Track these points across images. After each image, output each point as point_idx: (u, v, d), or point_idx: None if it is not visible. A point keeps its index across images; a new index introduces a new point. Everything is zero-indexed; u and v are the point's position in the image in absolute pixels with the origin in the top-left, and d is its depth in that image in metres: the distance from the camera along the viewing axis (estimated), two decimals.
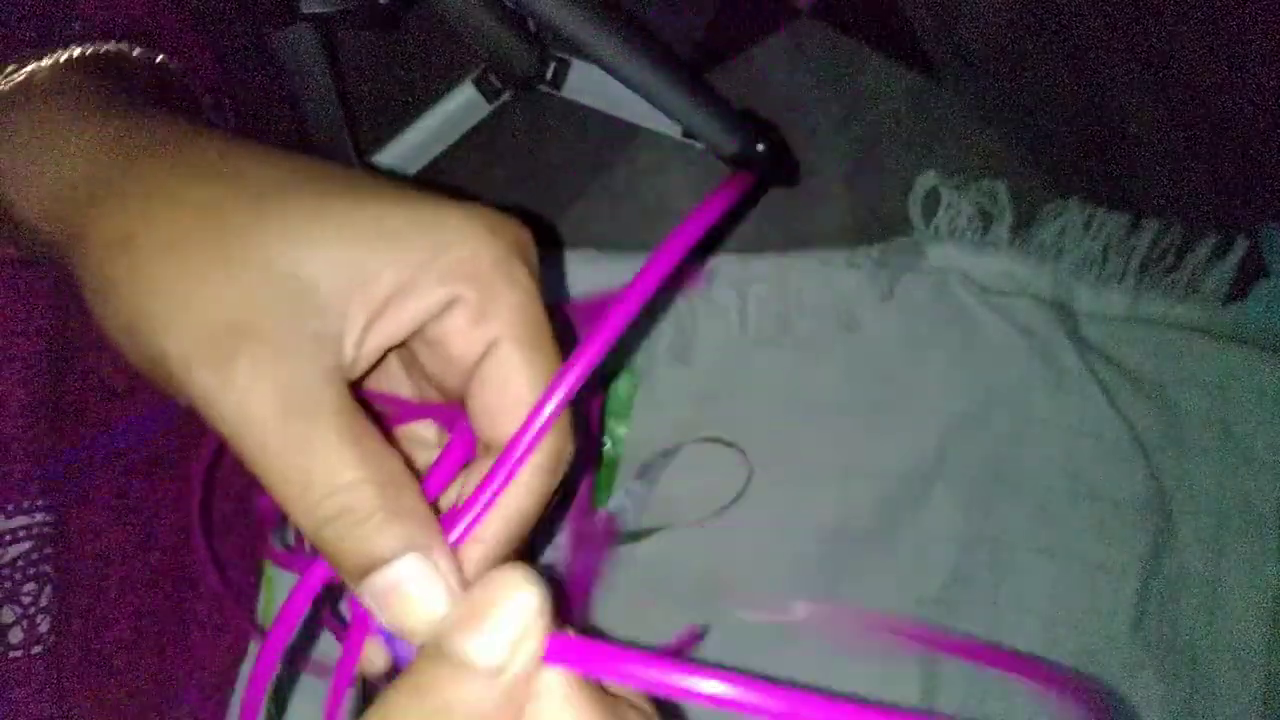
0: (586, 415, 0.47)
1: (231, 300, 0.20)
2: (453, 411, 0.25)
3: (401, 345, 0.24)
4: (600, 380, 0.49)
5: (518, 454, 0.22)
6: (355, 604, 0.21)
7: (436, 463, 0.25)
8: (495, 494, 0.22)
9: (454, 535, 0.22)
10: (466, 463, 0.25)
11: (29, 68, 0.26)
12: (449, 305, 0.22)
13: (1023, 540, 0.49)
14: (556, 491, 0.24)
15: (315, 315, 0.21)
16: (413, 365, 0.27)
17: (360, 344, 0.22)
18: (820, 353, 0.51)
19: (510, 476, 0.22)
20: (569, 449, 0.23)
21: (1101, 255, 0.52)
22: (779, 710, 0.17)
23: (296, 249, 0.21)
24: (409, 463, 0.22)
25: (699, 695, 0.18)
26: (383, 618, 0.20)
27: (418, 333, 0.23)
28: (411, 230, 0.22)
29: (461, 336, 0.23)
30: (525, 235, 0.24)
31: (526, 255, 0.23)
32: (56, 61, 0.27)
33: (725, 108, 0.48)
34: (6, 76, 0.26)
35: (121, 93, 0.27)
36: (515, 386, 0.23)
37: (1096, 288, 0.52)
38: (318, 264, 0.21)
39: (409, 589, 0.20)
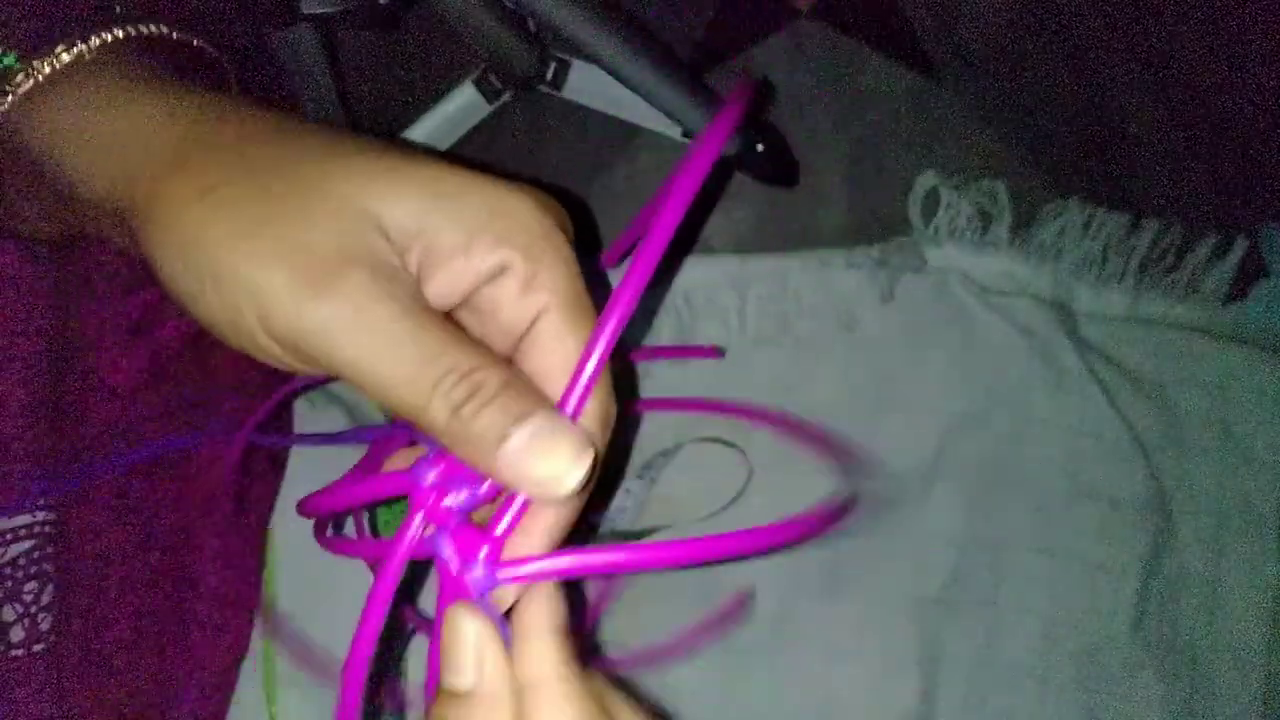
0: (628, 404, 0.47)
1: (328, 234, 0.22)
2: None
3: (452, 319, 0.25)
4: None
5: (576, 392, 0.23)
6: (444, 569, 0.23)
7: None
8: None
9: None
10: None
11: (77, 48, 0.27)
12: (499, 273, 0.24)
13: (1023, 540, 0.49)
14: (608, 454, 0.25)
15: (395, 254, 0.23)
16: None
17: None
18: (820, 353, 0.51)
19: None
20: (614, 409, 0.25)
21: (1101, 255, 0.52)
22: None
23: (367, 198, 0.22)
24: None
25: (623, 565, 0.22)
26: (524, 482, 0.22)
27: (469, 302, 0.24)
28: (467, 194, 0.23)
29: (510, 305, 0.24)
30: (565, 214, 0.25)
31: (568, 232, 0.25)
32: (104, 42, 0.27)
33: None
34: (55, 56, 0.26)
35: (173, 70, 0.27)
36: (564, 350, 0.24)
37: (1096, 288, 0.52)
38: (384, 214, 0.22)
39: (546, 438, 0.22)
